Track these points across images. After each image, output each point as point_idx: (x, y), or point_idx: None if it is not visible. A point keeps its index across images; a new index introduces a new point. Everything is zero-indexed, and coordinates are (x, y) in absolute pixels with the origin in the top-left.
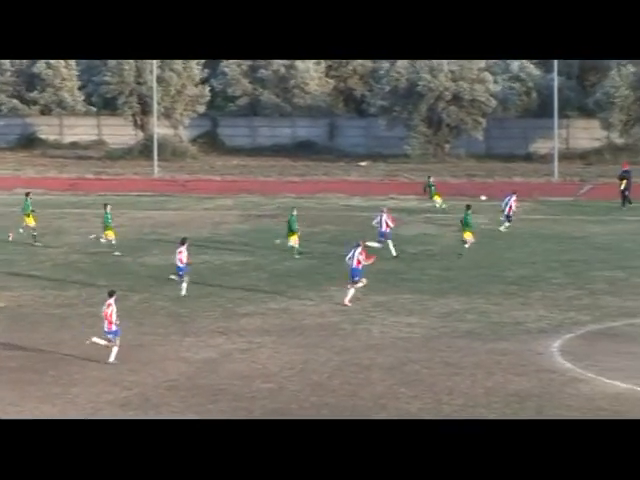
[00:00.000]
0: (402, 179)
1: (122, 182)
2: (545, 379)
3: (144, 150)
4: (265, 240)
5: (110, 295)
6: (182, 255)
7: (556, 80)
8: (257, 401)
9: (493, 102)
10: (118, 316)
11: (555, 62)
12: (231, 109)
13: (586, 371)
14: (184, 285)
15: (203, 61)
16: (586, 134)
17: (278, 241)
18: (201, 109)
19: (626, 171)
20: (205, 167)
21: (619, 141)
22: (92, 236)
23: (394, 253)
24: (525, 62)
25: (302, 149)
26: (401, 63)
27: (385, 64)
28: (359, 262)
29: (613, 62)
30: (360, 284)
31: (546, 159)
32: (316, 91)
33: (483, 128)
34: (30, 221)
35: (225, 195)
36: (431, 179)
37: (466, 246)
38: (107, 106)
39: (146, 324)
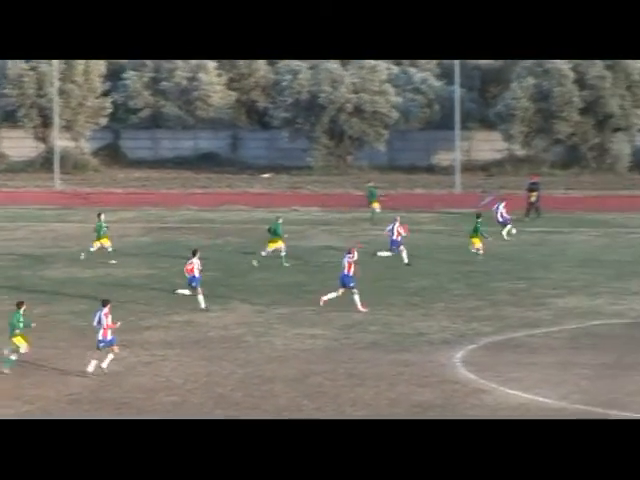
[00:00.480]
0: (305, 191)
1: (23, 195)
2: (448, 390)
3: (45, 163)
4: (168, 252)
5: (104, 304)
6: (194, 266)
7: (458, 92)
8: (160, 414)
9: (395, 114)
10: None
11: (457, 74)
12: (133, 121)
13: (489, 382)
14: (200, 297)
15: (105, 73)
16: (488, 146)
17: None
18: (103, 121)
19: (534, 183)
20: (107, 179)
21: (520, 153)
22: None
23: (406, 261)
24: (427, 74)
25: (205, 161)
26: (303, 75)
27: (287, 76)
28: (349, 269)
29: (514, 74)
30: (341, 292)
31: (448, 171)
32: (219, 103)
33: (385, 140)
34: None
35: (127, 208)
36: (371, 183)
37: (480, 252)
38: (8, 118)
39: (47, 338)
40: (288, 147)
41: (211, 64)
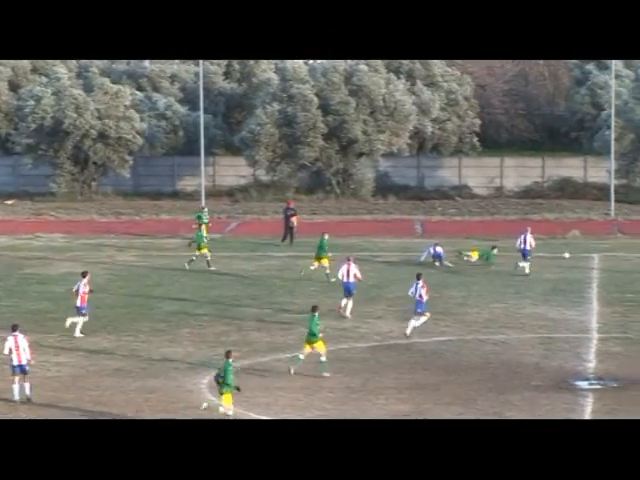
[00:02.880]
0: (48, 217)
1: None
2: (194, 416)
3: None
4: None
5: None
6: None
7: (202, 118)
8: None
9: (140, 140)
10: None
11: (201, 99)
12: None
13: (236, 407)
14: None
15: None
16: (232, 171)
17: (302, 273)
18: None
19: (292, 208)
20: None
21: (265, 178)
22: None
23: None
24: (171, 99)
25: None
26: (46, 101)
27: (30, 101)
28: (421, 295)
29: (258, 99)
30: (424, 317)
31: (193, 196)
32: None
33: (130, 166)
34: None
35: None
36: (205, 210)
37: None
38: None
39: None
40: (31, 173)
41: None
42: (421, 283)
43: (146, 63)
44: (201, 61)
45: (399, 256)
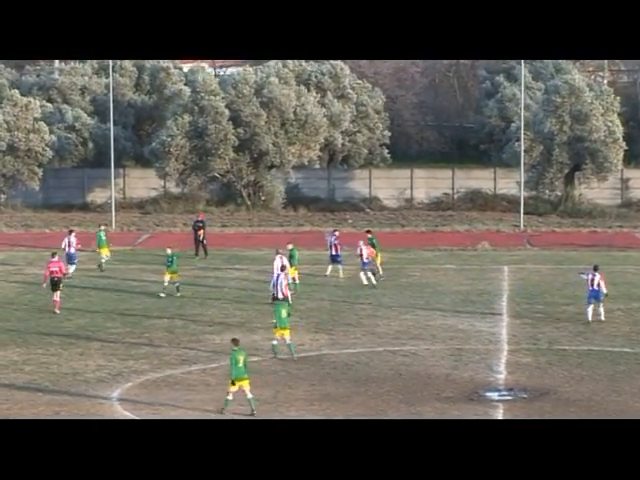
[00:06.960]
0: None
1: None
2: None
3: None
4: None
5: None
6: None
7: (112, 130)
8: None
9: (49, 152)
10: None
11: (110, 111)
12: None
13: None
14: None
15: None
16: (143, 183)
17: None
18: None
19: (201, 221)
20: None
21: (176, 190)
22: None
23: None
24: (80, 112)
25: None
26: None
27: None
28: (599, 285)
29: (169, 111)
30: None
31: (104, 209)
32: None
33: (40, 178)
34: None
35: None
36: (102, 227)
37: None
38: None
39: None
40: None
41: None
42: (598, 275)
43: (56, 75)
44: (111, 72)
45: (309, 268)
